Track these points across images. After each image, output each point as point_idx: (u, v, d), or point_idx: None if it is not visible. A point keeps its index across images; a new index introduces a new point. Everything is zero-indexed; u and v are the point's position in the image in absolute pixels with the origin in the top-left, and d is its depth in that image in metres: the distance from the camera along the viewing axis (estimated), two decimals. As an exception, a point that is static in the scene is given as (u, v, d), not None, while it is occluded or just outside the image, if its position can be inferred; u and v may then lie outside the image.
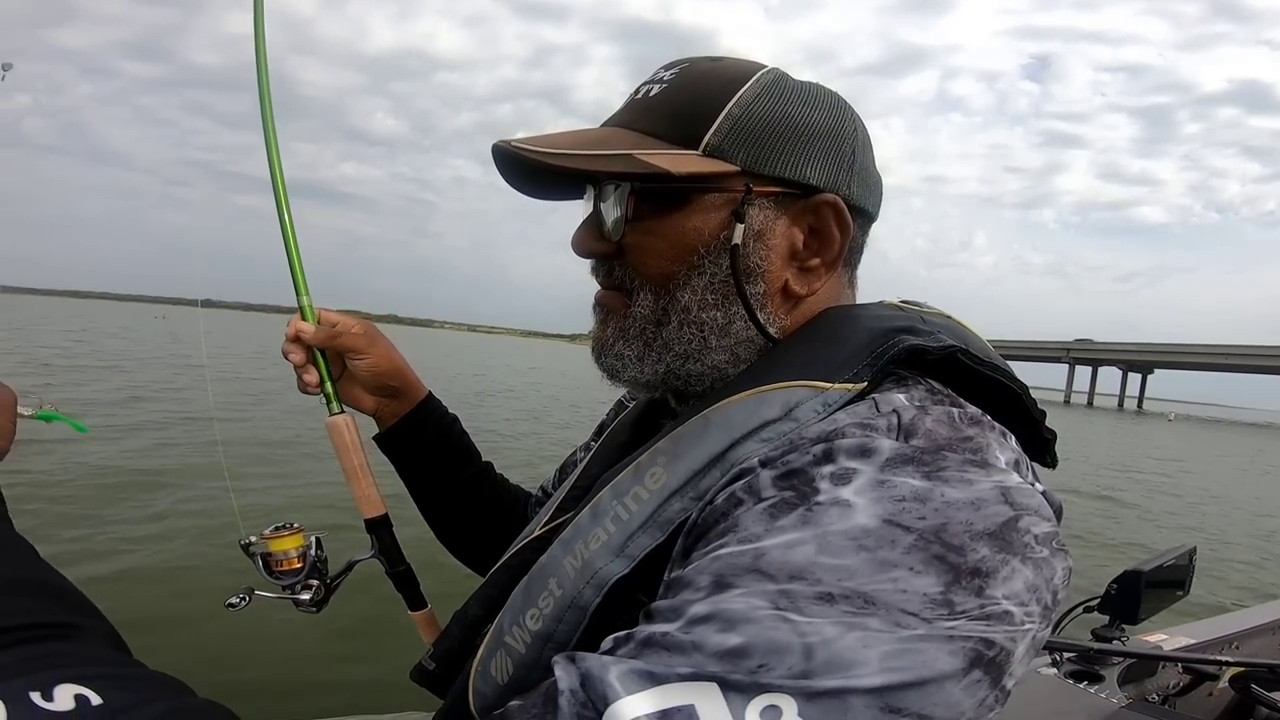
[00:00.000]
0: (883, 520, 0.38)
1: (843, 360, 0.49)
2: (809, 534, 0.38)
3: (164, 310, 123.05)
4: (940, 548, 0.37)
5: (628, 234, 0.57)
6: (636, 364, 0.58)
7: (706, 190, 0.55)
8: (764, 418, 0.47)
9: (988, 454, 0.43)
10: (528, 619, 0.52)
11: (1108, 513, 8.20)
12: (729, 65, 0.57)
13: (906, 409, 0.45)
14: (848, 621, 0.35)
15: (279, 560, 0.81)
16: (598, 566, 0.48)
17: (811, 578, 0.36)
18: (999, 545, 0.38)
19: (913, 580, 0.36)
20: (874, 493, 0.39)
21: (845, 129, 0.57)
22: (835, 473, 0.41)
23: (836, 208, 0.56)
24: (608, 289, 0.60)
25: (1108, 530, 7.06)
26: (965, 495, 0.39)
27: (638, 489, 0.50)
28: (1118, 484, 10.74)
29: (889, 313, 0.56)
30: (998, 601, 0.37)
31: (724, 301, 0.56)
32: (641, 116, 0.56)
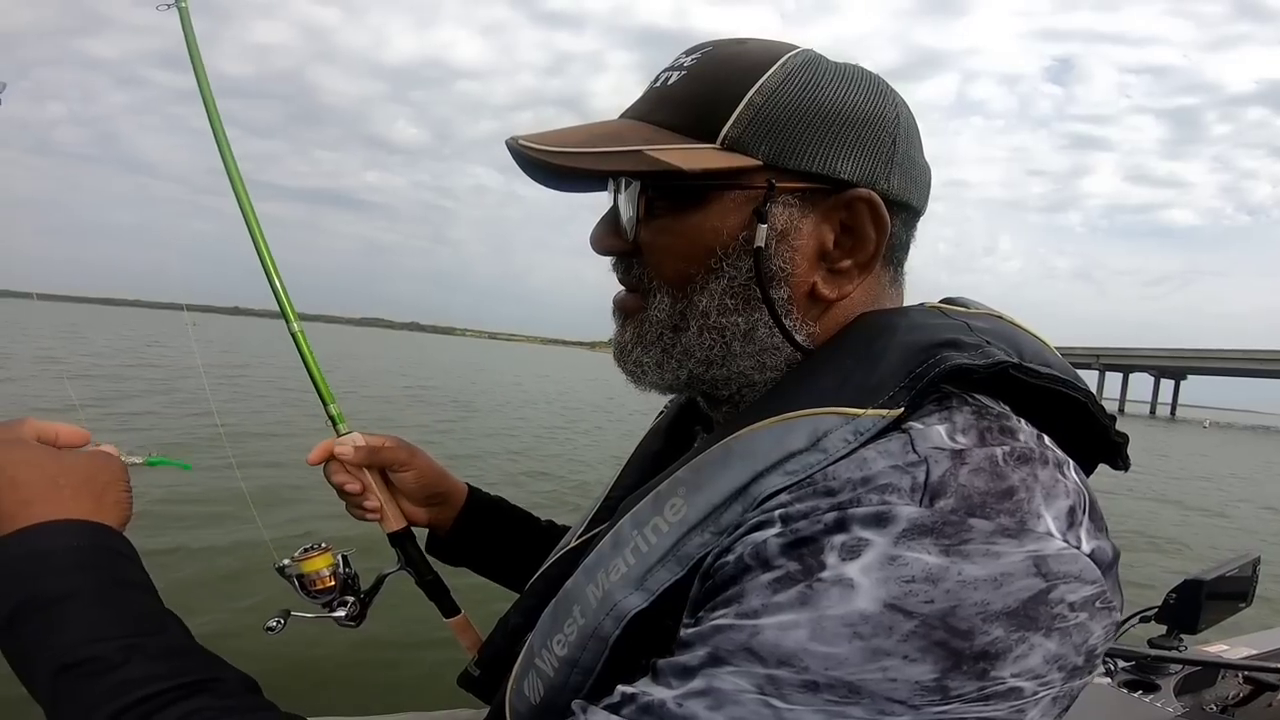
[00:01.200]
0: (884, 605, 0.36)
1: (877, 382, 0.45)
2: (804, 616, 0.37)
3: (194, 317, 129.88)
4: (944, 633, 0.36)
5: (642, 233, 0.54)
6: (657, 370, 0.56)
7: (725, 187, 0.51)
8: (789, 448, 0.45)
9: (1028, 514, 0.39)
10: (554, 644, 0.51)
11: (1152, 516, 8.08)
12: (754, 48, 0.53)
13: (941, 456, 0.41)
14: (828, 710, 0.35)
15: (313, 580, 0.83)
16: (617, 599, 0.48)
17: (799, 665, 0.36)
18: (1017, 623, 0.37)
19: (905, 669, 0.35)
20: (881, 572, 0.37)
21: (885, 115, 0.52)
22: (845, 544, 0.38)
23: (872, 204, 0.51)
24: (626, 288, 0.58)
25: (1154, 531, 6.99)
26: (987, 572, 0.37)
27: (657, 520, 0.48)
28: (1168, 490, 10.57)
29: (930, 321, 0.50)
30: (1003, 681, 0.36)
31: (745, 306, 0.52)
32: (659, 107, 0.53)
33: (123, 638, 0.47)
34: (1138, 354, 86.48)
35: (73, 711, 0.44)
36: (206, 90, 0.89)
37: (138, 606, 0.50)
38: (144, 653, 0.46)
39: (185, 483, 4.73)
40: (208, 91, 0.89)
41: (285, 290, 0.88)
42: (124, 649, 0.46)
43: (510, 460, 7.96)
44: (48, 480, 0.53)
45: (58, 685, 0.45)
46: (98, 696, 0.44)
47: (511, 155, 0.54)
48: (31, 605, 0.47)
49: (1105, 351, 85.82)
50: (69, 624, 0.46)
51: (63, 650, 0.45)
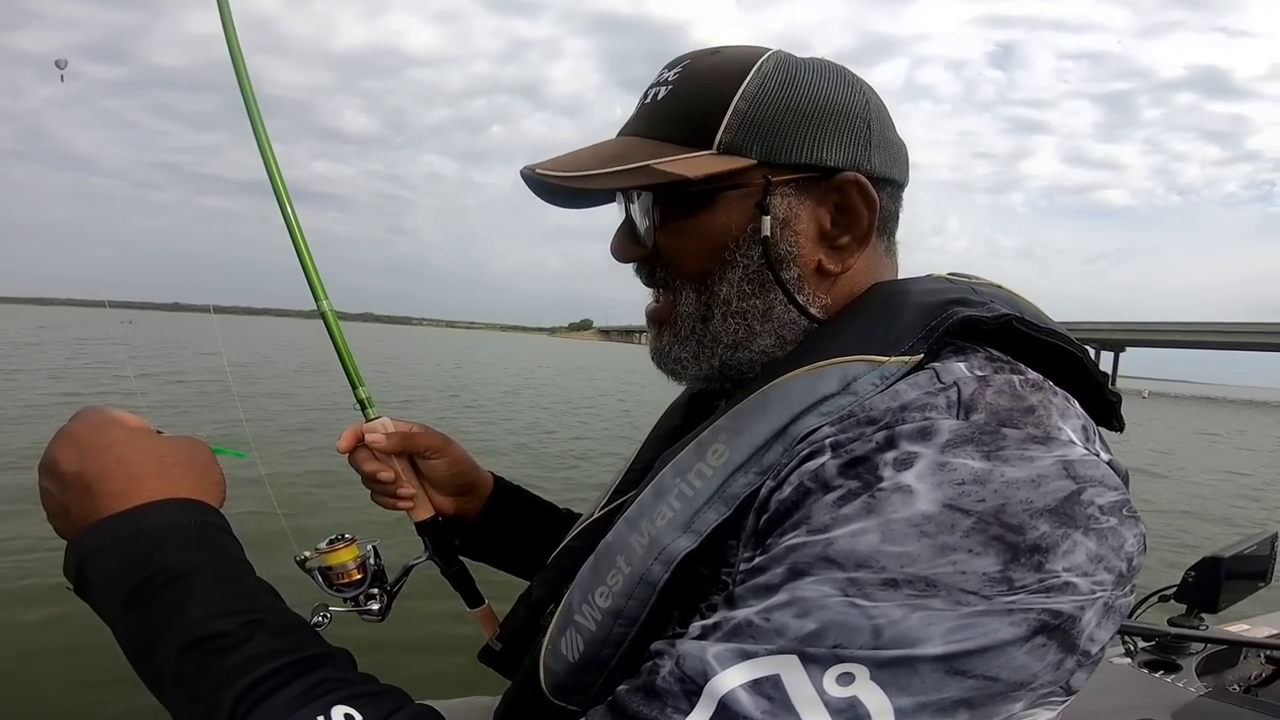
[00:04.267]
0: (943, 505, 0.39)
1: (898, 334, 0.50)
2: (873, 523, 0.40)
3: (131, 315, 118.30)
4: (999, 528, 0.38)
5: (659, 239, 0.59)
6: (694, 363, 0.60)
7: (727, 187, 0.56)
8: (822, 392, 0.48)
9: (1050, 426, 0.43)
10: (597, 597, 0.53)
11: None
12: (728, 58, 0.57)
13: (967, 380, 0.46)
14: (911, 603, 0.37)
15: (339, 574, 0.79)
16: (665, 542, 0.50)
17: (876, 565, 0.39)
18: (1059, 520, 0.39)
19: (972, 561, 0.38)
20: (934, 477, 0.40)
21: (856, 103, 0.57)
22: (898, 458, 0.42)
23: (859, 184, 0.56)
24: (653, 291, 0.63)
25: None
26: (1025, 473, 0.40)
27: (700, 466, 0.51)
28: None
29: (940, 286, 0.56)
30: (1058, 574, 0.38)
31: (760, 290, 0.57)
32: (654, 123, 0.58)
33: (244, 613, 0.47)
34: (1080, 328, 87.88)
35: (203, 687, 0.44)
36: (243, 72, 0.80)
37: (252, 583, 0.51)
38: (265, 628, 0.47)
39: None
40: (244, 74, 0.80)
41: (317, 271, 0.82)
42: (247, 625, 0.47)
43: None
44: (155, 459, 0.55)
45: (183, 662, 0.45)
46: (228, 672, 0.44)
47: (526, 183, 0.58)
48: (155, 582, 0.48)
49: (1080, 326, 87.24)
50: (193, 600, 0.47)
51: (188, 626, 0.46)
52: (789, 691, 0.37)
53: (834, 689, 0.37)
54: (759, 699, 0.38)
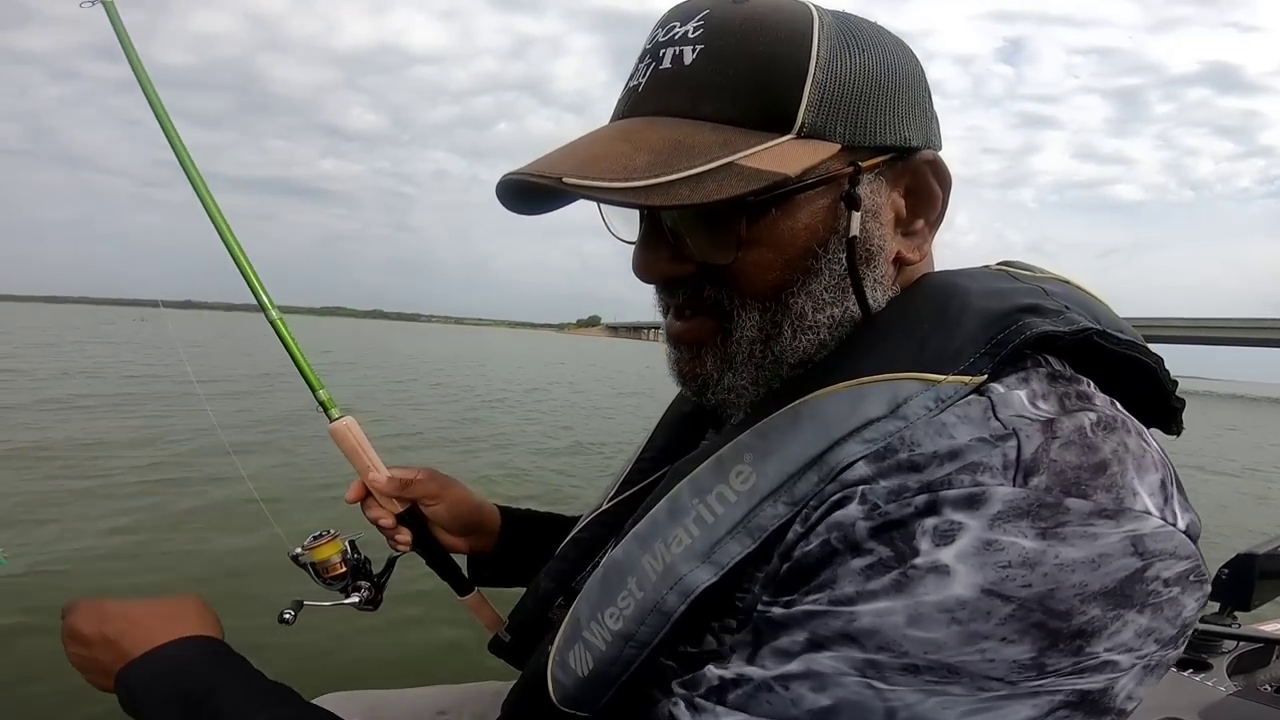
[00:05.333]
0: (981, 590, 0.35)
1: (958, 347, 0.44)
2: (900, 604, 0.36)
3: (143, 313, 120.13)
4: (1041, 615, 0.35)
5: (740, 255, 0.48)
6: (753, 389, 0.51)
7: (816, 181, 0.46)
8: (867, 415, 0.42)
9: (1124, 490, 0.38)
10: (607, 617, 0.50)
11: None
12: (766, 9, 0.46)
13: (1030, 428, 0.39)
14: (929, 689, 0.35)
15: (326, 568, 0.83)
16: (682, 573, 0.46)
17: (898, 650, 0.36)
18: (1114, 602, 0.36)
19: (1002, 650, 0.35)
20: (977, 559, 0.36)
21: (919, 71, 0.50)
22: (939, 528, 0.37)
23: (935, 163, 0.49)
24: (687, 315, 0.52)
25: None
26: (1085, 554, 0.35)
27: (722, 488, 0.46)
28: None
29: (1005, 286, 0.48)
30: (1097, 655, 0.36)
31: (841, 297, 0.49)
32: (697, 97, 0.45)
33: (265, 709, 0.58)
34: None
35: None
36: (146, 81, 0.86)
37: (265, 685, 0.61)
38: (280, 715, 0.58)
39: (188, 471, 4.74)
40: (147, 82, 0.86)
41: (259, 279, 0.85)
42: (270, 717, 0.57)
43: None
44: (159, 614, 0.65)
45: None
46: None
47: (502, 191, 0.48)
48: (195, 695, 0.58)
49: None
50: (228, 703, 0.58)
51: None
52: None
53: None
54: None
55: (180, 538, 3.77)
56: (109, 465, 5.20)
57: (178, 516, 4.09)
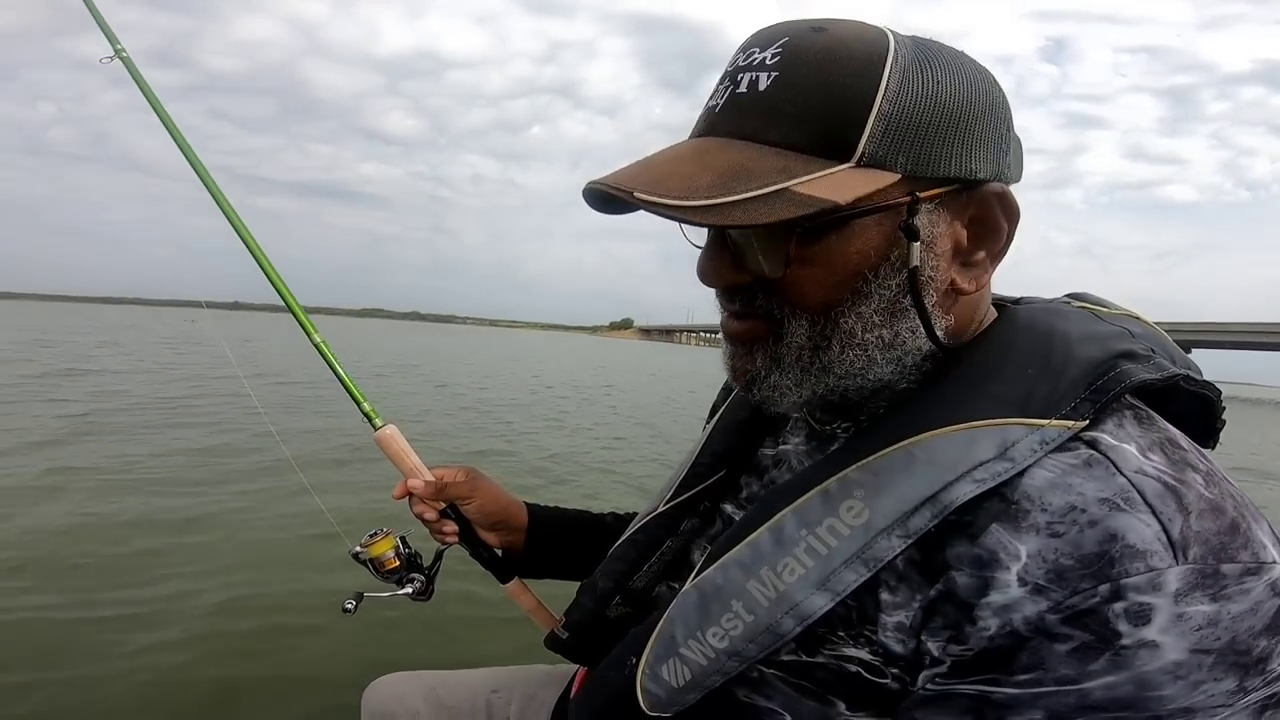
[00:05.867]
0: (1189, 651, 0.42)
1: (1061, 394, 0.47)
2: (1125, 676, 0.42)
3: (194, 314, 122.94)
4: (1234, 656, 0.42)
5: (790, 271, 0.51)
6: (795, 390, 0.54)
7: (871, 210, 0.48)
8: (977, 458, 0.46)
9: (1255, 546, 0.44)
10: (709, 636, 0.54)
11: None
12: (848, 39, 0.48)
13: (1158, 492, 0.44)
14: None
15: (381, 563, 0.91)
16: (798, 599, 0.50)
17: (1139, 707, 0.42)
18: (1273, 631, 0.43)
19: (1216, 686, 0.42)
20: (1176, 629, 0.42)
21: (998, 102, 0.51)
22: (1131, 610, 0.42)
23: (1003, 196, 0.51)
24: (742, 316, 0.55)
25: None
26: (1246, 606, 0.43)
27: (833, 521, 0.50)
28: None
29: (1100, 329, 0.53)
30: (1274, 670, 0.43)
31: (891, 320, 0.51)
32: (766, 122, 0.48)
33: None
34: None
35: None
36: (173, 128, 1.01)
37: None
38: None
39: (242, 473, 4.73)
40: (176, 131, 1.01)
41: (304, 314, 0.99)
42: None
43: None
44: None
45: None
46: None
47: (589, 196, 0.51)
48: None
49: None
50: None
51: None
52: None
53: None
54: None
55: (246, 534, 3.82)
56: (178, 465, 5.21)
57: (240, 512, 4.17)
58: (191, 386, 10.04)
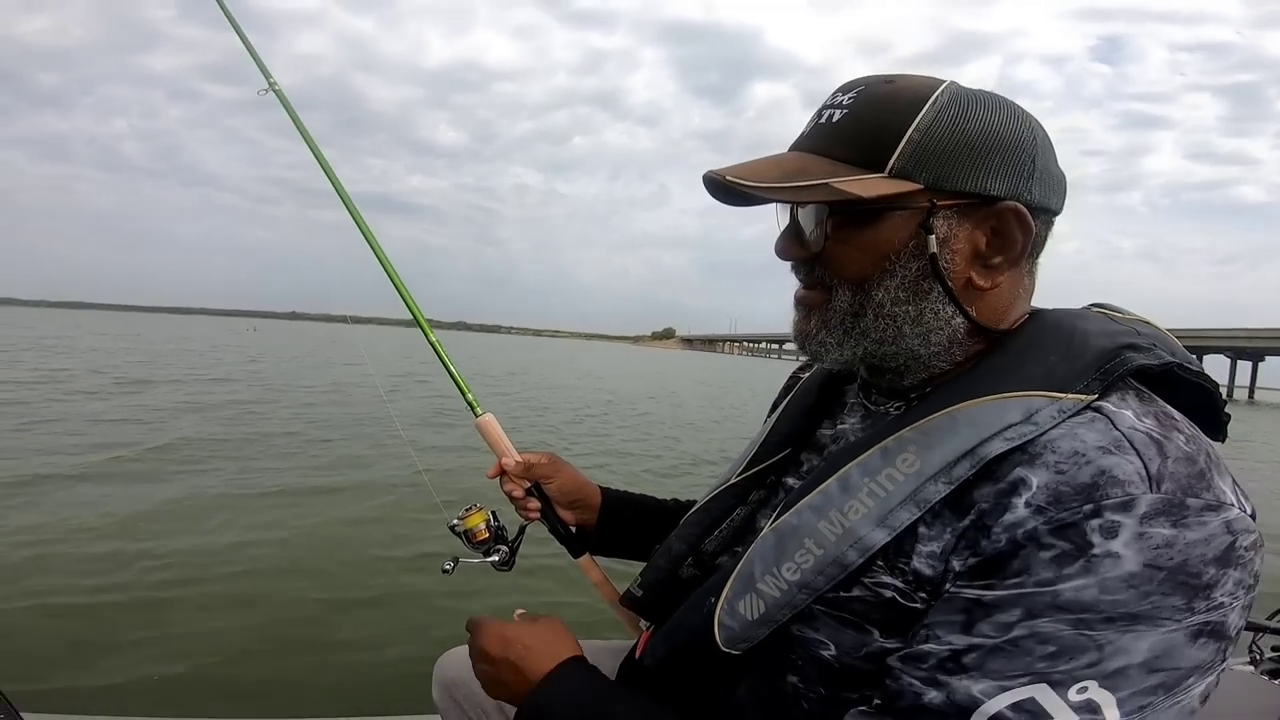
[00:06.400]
0: (1144, 565, 0.51)
1: (1077, 373, 0.59)
2: (1092, 580, 0.51)
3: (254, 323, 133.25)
4: (1184, 576, 0.51)
5: (828, 246, 0.66)
6: (837, 349, 0.68)
7: (895, 207, 0.62)
8: (1008, 421, 0.57)
9: (1218, 491, 0.54)
10: (784, 571, 0.64)
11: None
12: (905, 88, 0.63)
13: (1147, 445, 0.54)
14: (1123, 630, 0.50)
15: (474, 534, 1.06)
16: (861, 534, 0.60)
17: (1097, 609, 0.51)
18: (1221, 564, 0.52)
19: (1163, 600, 0.51)
20: (1137, 545, 0.51)
21: (1024, 139, 0.63)
22: (1104, 526, 0.52)
23: (1018, 213, 0.62)
24: (808, 287, 0.70)
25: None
26: (1201, 535, 0.52)
27: (890, 470, 0.61)
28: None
29: (1113, 328, 0.63)
30: (1216, 599, 0.52)
31: (915, 297, 0.64)
32: (831, 143, 0.64)
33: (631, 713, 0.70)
34: (1212, 335, 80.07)
35: None
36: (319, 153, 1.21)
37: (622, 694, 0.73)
38: None
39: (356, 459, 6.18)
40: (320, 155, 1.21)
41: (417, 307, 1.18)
42: None
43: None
44: (542, 641, 0.78)
45: None
46: None
47: (706, 184, 0.66)
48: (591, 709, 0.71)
49: (1177, 333, 54.20)
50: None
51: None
52: (1043, 704, 0.51)
53: (1075, 696, 0.50)
54: (1022, 714, 0.51)
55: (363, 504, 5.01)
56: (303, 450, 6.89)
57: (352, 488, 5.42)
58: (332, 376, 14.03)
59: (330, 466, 6.32)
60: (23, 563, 3.56)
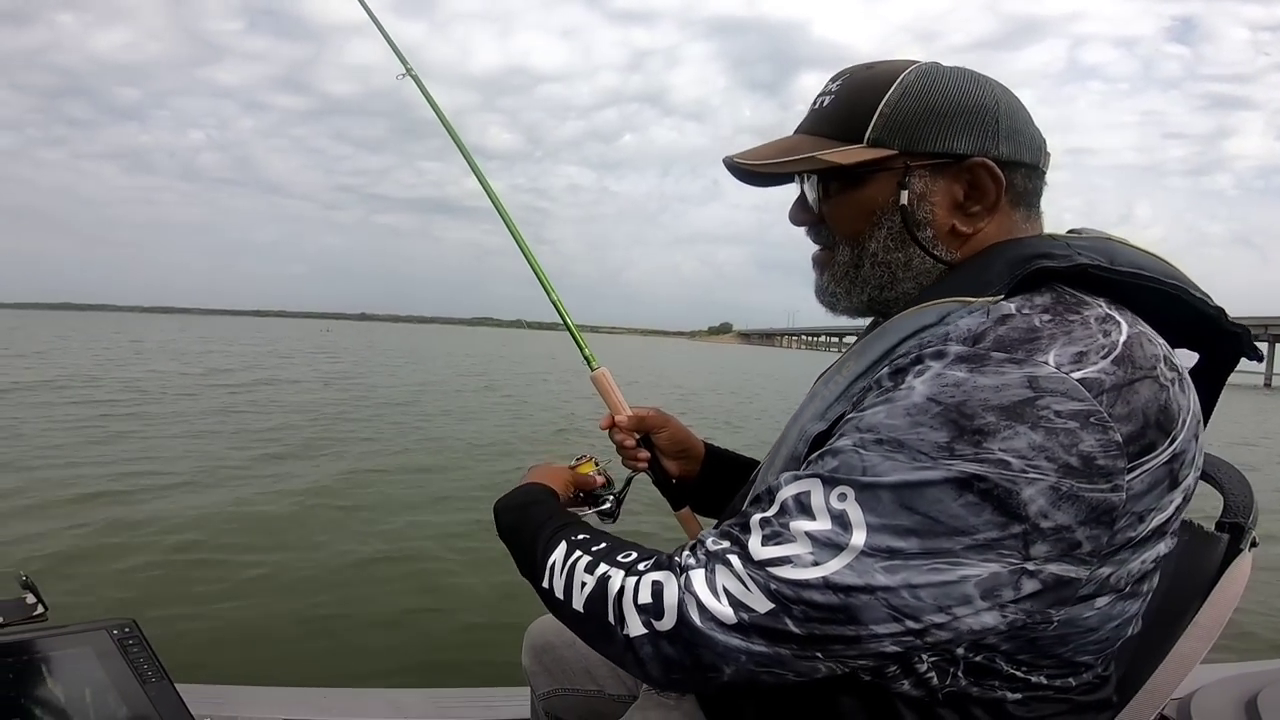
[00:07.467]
0: (926, 398, 0.57)
1: (988, 281, 0.65)
2: (884, 407, 0.59)
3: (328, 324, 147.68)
4: (955, 415, 0.55)
5: (824, 208, 0.77)
6: (846, 298, 0.78)
7: (875, 171, 0.72)
8: (923, 323, 0.65)
9: (1036, 351, 0.57)
10: (770, 476, 0.73)
11: None
12: (880, 71, 0.73)
13: (995, 315, 0.61)
14: (885, 455, 0.57)
15: (587, 481, 1.08)
16: (808, 429, 0.70)
17: (875, 431, 0.58)
18: (1007, 415, 0.54)
19: (929, 434, 0.55)
20: (931, 381, 0.57)
21: (986, 103, 0.71)
22: (918, 370, 0.59)
23: (986, 167, 0.69)
24: (820, 248, 0.81)
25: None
26: (992, 382, 0.55)
27: (836, 377, 0.72)
28: None
29: (1039, 244, 0.69)
30: (992, 451, 0.54)
31: (902, 246, 0.73)
32: (820, 123, 0.75)
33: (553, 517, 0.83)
34: None
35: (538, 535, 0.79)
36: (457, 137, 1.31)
37: (557, 509, 0.87)
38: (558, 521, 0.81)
39: None
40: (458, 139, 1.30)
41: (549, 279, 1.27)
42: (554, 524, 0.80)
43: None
44: (540, 473, 0.97)
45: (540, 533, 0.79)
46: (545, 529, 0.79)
47: (727, 168, 0.78)
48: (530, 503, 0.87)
49: (1275, 321, 67.39)
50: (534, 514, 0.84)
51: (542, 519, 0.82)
52: (810, 500, 0.59)
53: (835, 503, 0.57)
54: (797, 501, 0.60)
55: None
56: None
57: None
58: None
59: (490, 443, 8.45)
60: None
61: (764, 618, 0.58)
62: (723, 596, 0.60)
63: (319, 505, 5.34)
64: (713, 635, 0.60)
